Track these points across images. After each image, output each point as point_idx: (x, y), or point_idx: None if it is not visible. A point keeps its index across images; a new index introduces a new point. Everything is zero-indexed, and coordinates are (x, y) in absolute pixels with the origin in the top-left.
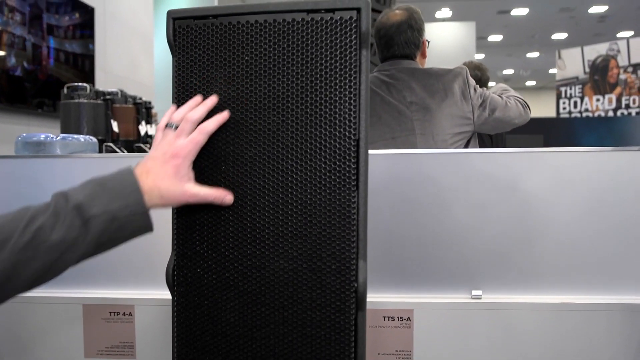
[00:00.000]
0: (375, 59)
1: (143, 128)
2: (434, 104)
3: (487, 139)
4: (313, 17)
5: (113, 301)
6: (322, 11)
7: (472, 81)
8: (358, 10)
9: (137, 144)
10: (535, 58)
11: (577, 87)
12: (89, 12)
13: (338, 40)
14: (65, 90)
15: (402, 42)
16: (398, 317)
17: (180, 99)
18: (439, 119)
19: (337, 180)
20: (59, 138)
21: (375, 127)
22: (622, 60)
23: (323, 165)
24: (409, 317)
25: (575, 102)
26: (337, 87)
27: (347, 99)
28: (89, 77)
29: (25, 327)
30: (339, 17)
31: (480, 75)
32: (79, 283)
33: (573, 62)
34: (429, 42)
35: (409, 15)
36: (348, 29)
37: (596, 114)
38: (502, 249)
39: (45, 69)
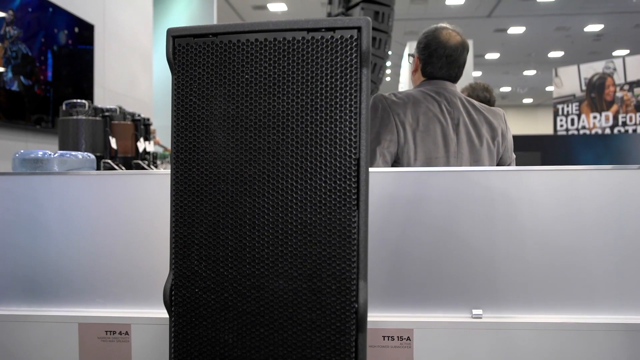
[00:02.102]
0: (374, 76)
1: (141, 145)
2: (478, 135)
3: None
4: (313, 36)
5: (109, 320)
6: (323, 30)
7: (508, 124)
8: (359, 29)
9: (135, 160)
10: (532, 76)
11: (574, 104)
12: (88, 29)
13: (338, 59)
14: (63, 106)
15: (462, 64)
16: (398, 337)
17: (179, 117)
18: (479, 150)
19: (338, 199)
20: (56, 155)
21: (425, 142)
22: (619, 78)
23: (323, 184)
24: (408, 337)
25: (573, 120)
26: (338, 105)
27: (347, 117)
28: (88, 94)
29: (20, 346)
30: (339, 36)
31: (489, 97)
32: (75, 301)
33: (570, 80)
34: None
35: (464, 37)
36: (349, 47)
37: (593, 131)
38: (502, 268)
39: (43, 84)
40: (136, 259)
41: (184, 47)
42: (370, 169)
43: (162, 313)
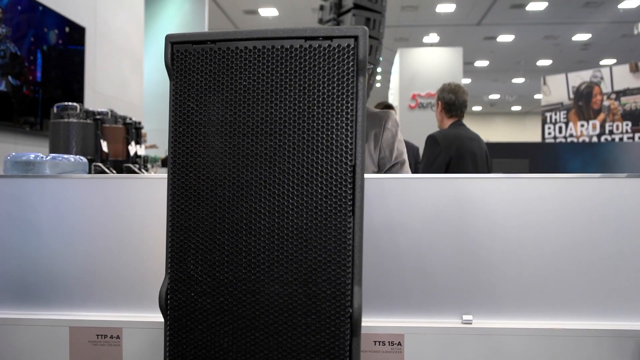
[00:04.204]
0: None
1: (132, 148)
2: None
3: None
4: (311, 44)
5: (100, 324)
6: (320, 38)
7: (391, 125)
8: (355, 38)
9: (126, 164)
10: (520, 83)
11: (561, 112)
12: (79, 31)
13: (335, 67)
14: (55, 109)
15: None
16: (389, 342)
17: (177, 122)
18: None
19: (333, 205)
20: (48, 158)
21: None
22: (606, 87)
23: (319, 191)
24: (399, 342)
25: (560, 128)
26: (334, 113)
27: (343, 125)
28: (78, 96)
29: (10, 350)
30: (336, 45)
31: (454, 99)
32: (66, 304)
33: (558, 88)
34: (375, 70)
35: None
36: (345, 56)
37: (581, 140)
38: (492, 274)
39: (32, 85)
40: (128, 262)
41: (182, 54)
42: (365, 176)
43: (154, 317)
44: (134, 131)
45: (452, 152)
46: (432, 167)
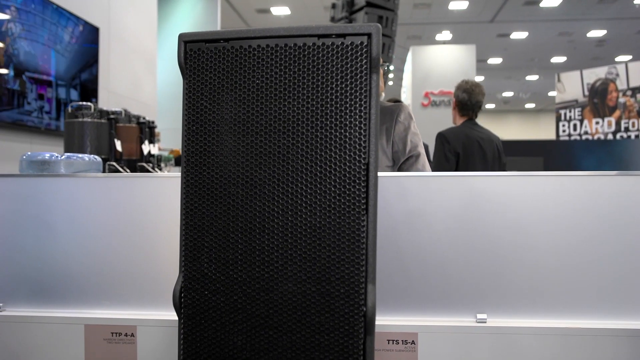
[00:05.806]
0: None
1: (146, 147)
2: None
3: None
4: (324, 42)
5: (115, 321)
6: (333, 36)
7: (403, 118)
8: (369, 35)
9: (140, 163)
10: (534, 81)
11: (576, 110)
12: (93, 31)
13: (348, 65)
14: (69, 108)
15: None
16: (402, 341)
17: (190, 121)
18: None
19: (347, 203)
20: (63, 157)
21: None
22: (621, 84)
23: (332, 189)
24: (413, 341)
25: (575, 125)
26: (347, 111)
27: (357, 123)
28: (92, 95)
29: (26, 347)
30: (349, 42)
31: (467, 99)
32: (81, 303)
33: (572, 85)
34: (389, 69)
35: None
36: (359, 54)
37: (596, 137)
38: (507, 273)
39: (45, 84)
40: (142, 260)
41: (196, 52)
42: (383, 174)
43: (168, 315)
44: (147, 130)
45: (459, 150)
46: (443, 163)
